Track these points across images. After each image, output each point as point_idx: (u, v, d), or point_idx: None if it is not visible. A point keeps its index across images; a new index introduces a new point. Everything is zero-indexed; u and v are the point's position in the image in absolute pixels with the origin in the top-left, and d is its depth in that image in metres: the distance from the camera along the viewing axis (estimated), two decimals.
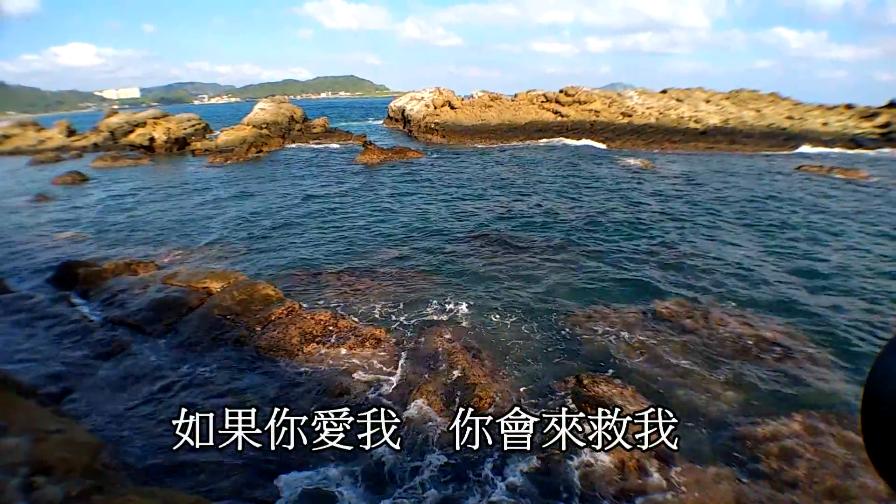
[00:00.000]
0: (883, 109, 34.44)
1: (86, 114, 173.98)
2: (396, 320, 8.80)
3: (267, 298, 9.22)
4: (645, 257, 11.97)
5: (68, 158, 34.48)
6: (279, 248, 13.27)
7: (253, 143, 32.33)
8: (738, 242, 13.14)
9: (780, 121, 36.74)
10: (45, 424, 2.04)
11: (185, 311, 8.86)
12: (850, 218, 15.53)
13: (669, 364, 7.17)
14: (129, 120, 37.50)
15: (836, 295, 9.71)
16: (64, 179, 24.54)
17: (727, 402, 6.32)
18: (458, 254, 12.49)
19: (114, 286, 9.99)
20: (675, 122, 38.60)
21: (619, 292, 9.88)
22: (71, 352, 7.43)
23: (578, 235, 13.91)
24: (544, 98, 42.34)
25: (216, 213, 17.43)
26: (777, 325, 8.40)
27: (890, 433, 0.67)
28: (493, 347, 7.73)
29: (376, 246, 13.23)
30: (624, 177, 22.91)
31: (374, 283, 10.48)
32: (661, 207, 16.95)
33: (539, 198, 18.73)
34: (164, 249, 13.07)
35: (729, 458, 5.36)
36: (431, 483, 5.02)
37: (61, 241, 14.28)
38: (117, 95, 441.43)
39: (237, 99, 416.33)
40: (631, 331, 8.18)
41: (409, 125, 45.79)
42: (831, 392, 6.52)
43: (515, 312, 9.08)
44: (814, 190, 19.79)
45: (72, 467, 1.89)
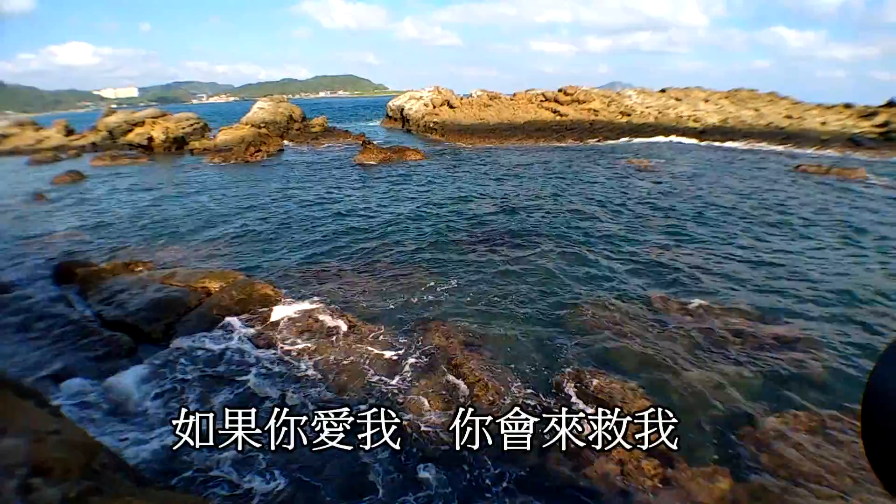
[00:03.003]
0: (881, 109, 34.47)
1: (84, 113, 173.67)
2: (396, 318, 8.79)
3: (266, 298, 9.22)
4: (644, 256, 11.97)
5: (66, 158, 34.37)
6: (278, 246, 13.26)
7: (251, 143, 32.27)
8: (737, 241, 13.15)
9: (778, 120, 36.79)
10: (43, 425, 2.02)
11: (184, 310, 8.85)
12: (849, 218, 15.54)
13: (670, 363, 7.17)
14: (128, 119, 37.41)
15: (836, 295, 9.72)
16: (62, 179, 24.45)
17: (727, 402, 6.32)
18: (457, 251, 12.49)
19: (112, 286, 9.97)
20: (673, 122, 38.66)
21: (619, 290, 9.88)
22: (69, 352, 7.41)
23: (578, 233, 13.91)
24: (543, 97, 42.35)
25: (215, 212, 17.39)
26: (778, 324, 8.40)
27: (889, 438, 0.67)
28: (492, 344, 7.72)
29: (376, 244, 13.22)
30: (624, 176, 22.91)
31: (374, 281, 10.48)
32: (661, 206, 16.95)
33: (539, 195, 18.72)
34: (162, 249, 13.04)
35: (729, 458, 5.36)
36: (431, 483, 5.02)
37: (59, 240, 14.24)
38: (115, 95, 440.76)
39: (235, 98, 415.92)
40: (631, 329, 8.18)
41: (407, 124, 45.78)
42: (832, 393, 6.52)
43: (515, 309, 9.08)
44: (813, 189, 19.81)
45: (70, 468, 1.87)
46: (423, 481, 5.03)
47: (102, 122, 38.97)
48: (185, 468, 5.06)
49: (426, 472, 5.13)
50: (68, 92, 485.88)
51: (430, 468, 5.18)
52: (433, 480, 5.04)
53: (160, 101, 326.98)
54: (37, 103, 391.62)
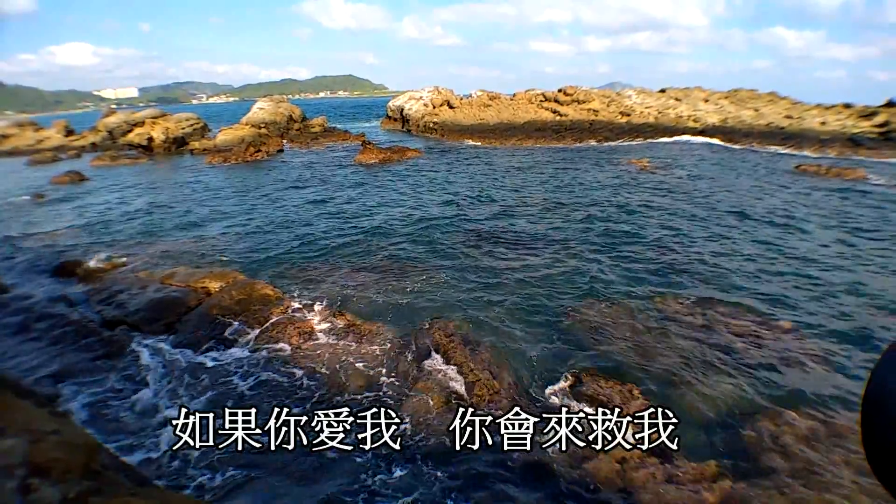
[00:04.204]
0: (881, 109, 34.45)
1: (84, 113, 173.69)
2: (395, 317, 8.79)
3: (265, 298, 9.21)
4: (644, 255, 11.97)
5: (66, 158, 34.39)
6: (278, 246, 13.25)
7: (251, 143, 32.26)
8: (737, 241, 13.15)
9: (778, 120, 36.77)
10: (43, 425, 2.02)
11: (184, 310, 8.85)
12: (849, 217, 15.54)
13: (670, 363, 7.17)
14: (128, 119, 37.41)
15: (837, 296, 9.72)
16: (62, 179, 24.47)
17: (728, 402, 6.32)
18: (456, 250, 12.49)
19: (112, 286, 9.97)
20: (673, 122, 38.64)
21: (619, 290, 9.88)
22: (69, 352, 7.41)
23: (578, 232, 13.91)
24: (543, 97, 42.32)
25: (215, 212, 17.40)
26: (778, 324, 8.40)
27: (889, 439, 0.66)
28: (492, 344, 7.71)
29: (375, 243, 13.23)
30: (623, 176, 22.91)
31: (374, 280, 10.47)
32: (661, 206, 16.95)
33: (539, 196, 18.72)
34: (162, 249, 13.04)
35: (729, 457, 5.35)
36: (431, 483, 5.01)
37: (59, 240, 14.24)
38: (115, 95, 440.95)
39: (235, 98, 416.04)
40: (631, 329, 8.18)
41: (407, 124, 45.76)
42: (832, 393, 6.52)
43: (514, 308, 9.08)
44: (812, 189, 19.81)
45: (69, 469, 1.87)
46: (423, 481, 5.03)
47: (102, 122, 38.98)
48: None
49: (426, 472, 5.13)
50: (68, 92, 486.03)
51: (431, 468, 5.18)
52: (433, 480, 5.04)
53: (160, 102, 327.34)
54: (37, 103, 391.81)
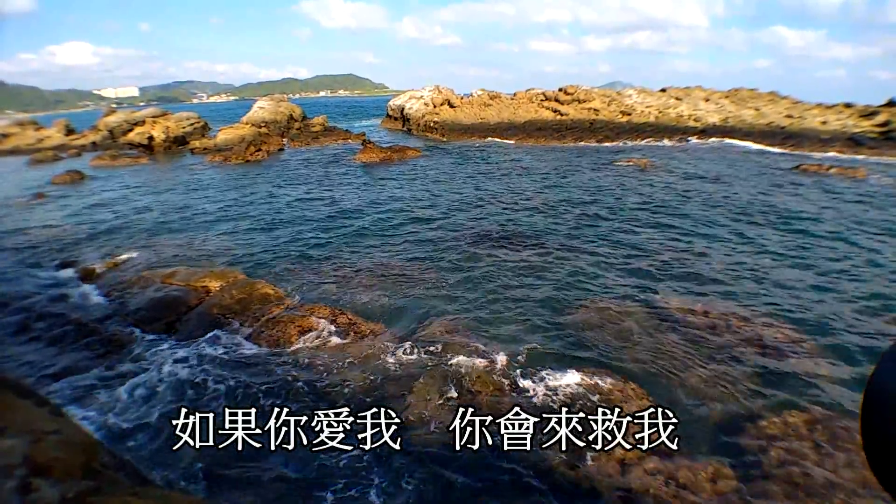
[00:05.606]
0: (882, 108, 34.40)
1: (84, 112, 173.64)
2: (396, 316, 8.80)
3: (266, 297, 9.22)
4: (644, 255, 11.97)
5: (67, 157, 34.41)
6: (278, 245, 13.25)
7: (252, 142, 32.26)
8: (738, 241, 13.14)
9: (779, 119, 36.74)
10: (43, 425, 2.02)
11: (185, 310, 8.86)
12: (850, 218, 15.52)
13: (670, 362, 7.16)
14: (128, 119, 37.45)
15: (837, 296, 9.70)
16: (63, 178, 24.48)
17: (728, 402, 6.32)
18: (456, 249, 12.49)
19: (112, 285, 9.98)
20: (674, 121, 38.61)
21: (619, 289, 9.88)
22: (69, 351, 7.41)
23: (578, 232, 13.90)
24: (543, 97, 42.29)
25: (215, 211, 17.40)
26: (779, 325, 8.39)
27: (889, 440, 0.66)
28: (492, 343, 7.71)
29: (375, 243, 13.23)
30: (623, 175, 22.89)
31: (374, 280, 10.47)
32: (661, 206, 16.93)
33: (539, 195, 18.71)
34: (162, 248, 13.04)
35: (729, 458, 5.35)
36: (432, 483, 5.01)
37: (60, 240, 14.25)
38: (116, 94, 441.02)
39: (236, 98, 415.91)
40: (631, 328, 8.18)
41: (408, 124, 45.72)
42: (832, 394, 6.51)
43: (515, 308, 9.07)
44: (813, 188, 19.78)
45: (69, 468, 1.87)
46: (423, 481, 5.03)
47: (103, 121, 39.01)
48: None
49: (427, 472, 5.13)
50: (69, 91, 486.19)
51: (431, 468, 5.18)
52: (434, 480, 5.04)
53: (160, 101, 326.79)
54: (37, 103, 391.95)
